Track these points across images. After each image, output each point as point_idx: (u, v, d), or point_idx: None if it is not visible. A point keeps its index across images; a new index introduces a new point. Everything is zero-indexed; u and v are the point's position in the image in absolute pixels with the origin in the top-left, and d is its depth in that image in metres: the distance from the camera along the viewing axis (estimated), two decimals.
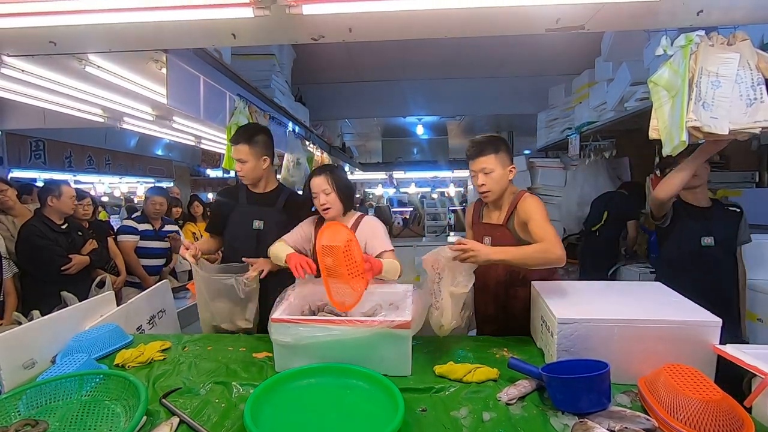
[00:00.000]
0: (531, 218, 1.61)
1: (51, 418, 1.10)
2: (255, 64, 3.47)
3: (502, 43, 4.12)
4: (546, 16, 1.60)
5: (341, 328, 1.30)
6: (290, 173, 3.99)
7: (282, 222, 1.98)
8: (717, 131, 1.55)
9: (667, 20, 1.63)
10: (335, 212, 1.83)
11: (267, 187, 2.08)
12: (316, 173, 1.85)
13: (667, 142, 1.65)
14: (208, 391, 1.28)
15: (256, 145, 1.96)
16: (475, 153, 1.71)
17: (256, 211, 2.02)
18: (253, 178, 2.02)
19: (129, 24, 1.57)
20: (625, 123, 3.20)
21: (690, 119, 1.54)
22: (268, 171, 2.06)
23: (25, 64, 2.08)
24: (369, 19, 1.59)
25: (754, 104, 1.55)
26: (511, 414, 1.12)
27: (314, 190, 1.82)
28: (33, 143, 4.62)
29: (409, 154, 7.96)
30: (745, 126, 1.56)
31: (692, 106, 1.56)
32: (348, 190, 1.86)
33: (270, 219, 2.00)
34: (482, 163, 1.69)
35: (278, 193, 2.08)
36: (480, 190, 1.74)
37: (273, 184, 2.11)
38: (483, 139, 1.74)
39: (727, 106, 1.55)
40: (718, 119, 1.55)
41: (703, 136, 1.58)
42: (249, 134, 1.97)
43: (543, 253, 1.46)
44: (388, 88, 5.42)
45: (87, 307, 1.73)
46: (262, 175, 2.03)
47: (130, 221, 3.42)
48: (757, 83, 1.56)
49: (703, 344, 1.24)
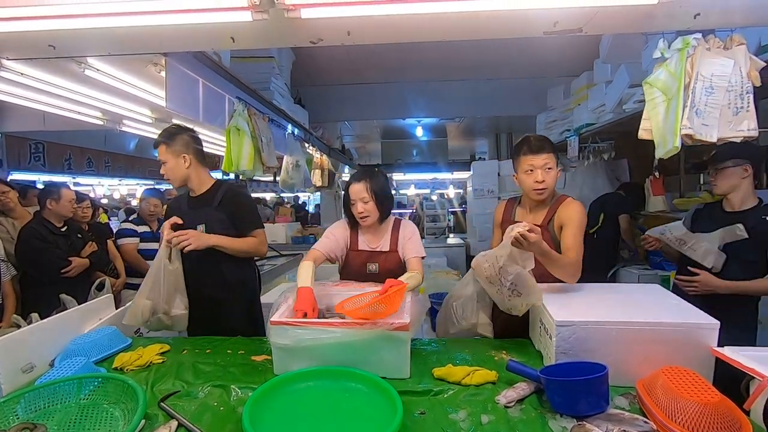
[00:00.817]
0: (570, 224, 1.64)
1: (49, 421, 1.10)
2: (254, 67, 3.47)
3: (501, 46, 4.13)
4: (544, 19, 1.60)
5: (340, 331, 1.30)
6: (289, 175, 4.00)
7: (223, 220, 1.94)
8: (707, 139, 1.59)
9: (665, 23, 1.64)
10: (372, 221, 1.82)
11: (201, 187, 2.01)
12: (355, 179, 1.81)
13: (660, 145, 1.67)
14: (206, 394, 1.27)
15: (174, 143, 1.92)
16: (538, 148, 1.67)
17: (197, 214, 1.95)
18: (178, 179, 1.96)
19: (128, 27, 1.58)
20: (624, 125, 3.20)
21: (684, 126, 1.57)
22: (196, 170, 1.98)
23: (24, 67, 2.09)
24: (367, 23, 1.59)
25: (740, 113, 1.57)
26: (510, 417, 1.12)
27: (352, 197, 1.79)
28: (33, 145, 4.63)
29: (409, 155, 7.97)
30: (729, 135, 1.60)
31: (687, 113, 1.57)
32: (387, 198, 1.83)
33: (210, 219, 1.94)
34: (545, 158, 1.66)
35: (215, 191, 2.00)
36: (537, 187, 1.68)
37: (208, 182, 2.03)
38: (541, 136, 1.74)
39: (717, 113, 1.58)
40: (708, 126, 1.58)
41: (693, 143, 1.62)
42: (166, 134, 1.94)
43: (565, 272, 1.57)
44: (387, 90, 5.43)
45: (86, 310, 1.73)
46: (186, 175, 1.96)
47: (128, 224, 3.42)
48: (746, 91, 1.58)
49: (701, 346, 1.23)
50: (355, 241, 1.89)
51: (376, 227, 1.88)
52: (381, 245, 1.88)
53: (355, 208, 1.79)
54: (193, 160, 1.96)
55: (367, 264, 1.86)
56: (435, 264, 4.91)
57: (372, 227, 1.86)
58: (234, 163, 2.78)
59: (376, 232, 1.89)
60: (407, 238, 1.87)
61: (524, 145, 1.72)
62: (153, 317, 1.74)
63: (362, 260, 1.86)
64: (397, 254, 1.87)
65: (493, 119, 6.58)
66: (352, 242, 1.90)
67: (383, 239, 1.88)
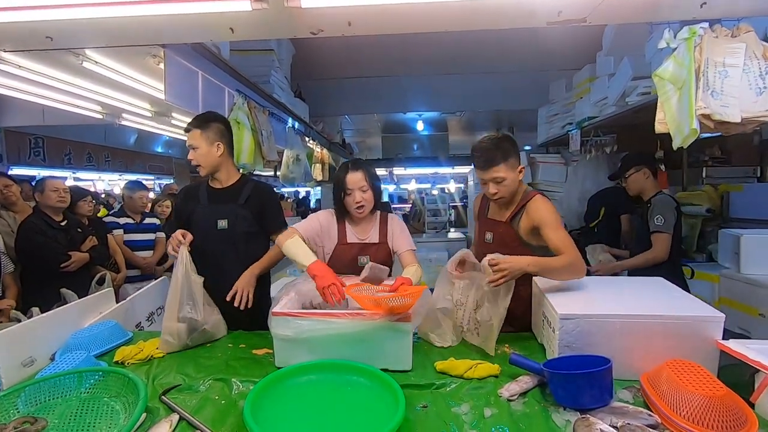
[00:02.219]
0: (545, 224, 1.59)
1: (50, 415, 1.09)
2: (254, 60, 3.44)
3: (502, 39, 4.10)
4: (547, 8, 1.58)
5: (342, 321, 1.29)
6: (290, 169, 3.98)
7: (247, 217, 1.89)
8: (729, 119, 1.50)
9: (670, 13, 1.61)
10: (367, 211, 1.80)
11: (228, 180, 1.94)
12: (352, 168, 1.77)
13: (676, 134, 1.61)
14: (207, 387, 1.27)
15: (208, 129, 1.86)
16: (484, 164, 1.63)
17: (219, 210, 1.88)
18: (209, 167, 1.88)
19: (126, 18, 1.55)
20: (627, 118, 3.17)
21: (700, 107, 1.50)
22: (226, 161, 1.93)
23: (22, 59, 2.07)
24: (368, 13, 1.57)
25: (764, 93, 1.52)
26: (513, 410, 1.12)
27: (350, 186, 1.75)
28: (32, 140, 4.61)
29: (410, 150, 7.92)
30: (756, 114, 1.52)
31: (701, 94, 1.52)
32: (380, 188, 1.83)
33: (234, 216, 1.87)
34: (493, 173, 1.62)
35: (241, 186, 1.93)
36: (493, 198, 1.69)
37: (234, 176, 1.96)
38: (490, 145, 1.64)
39: (737, 94, 1.52)
40: (728, 107, 1.51)
41: (714, 125, 1.53)
42: (202, 119, 1.88)
43: (571, 274, 1.51)
44: (388, 83, 5.39)
45: (86, 304, 1.73)
46: (217, 163, 1.89)
47: (109, 217, 3.48)
48: (765, 72, 1.52)
49: (705, 339, 1.22)
50: (343, 233, 1.85)
51: (368, 219, 1.86)
52: (370, 237, 1.86)
53: (353, 198, 1.75)
54: (225, 150, 1.90)
55: (358, 257, 1.83)
56: (436, 258, 4.90)
57: (363, 218, 1.85)
58: (234, 157, 2.76)
59: (365, 224, 1.87)
60: (398, 231, 1.86)
61: (473, 158, 1.69)
62: (193, 334, 1.58)
63: (353, 253, 1.83)
64: (387, 246, 1.86)
65: (495, 113, 6.54)
66: (340, 234, 1.85)
67: (372, 231, 1.87)
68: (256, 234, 1.92)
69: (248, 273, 1.81)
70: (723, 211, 3.34)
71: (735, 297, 2.59)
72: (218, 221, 1.86)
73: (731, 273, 2.65)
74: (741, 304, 2.53)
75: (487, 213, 1.85)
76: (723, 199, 3.36)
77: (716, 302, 2.72)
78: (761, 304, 2.42)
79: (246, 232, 1.88)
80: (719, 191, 3.38)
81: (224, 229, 1.87)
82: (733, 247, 2.66)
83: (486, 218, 1.85)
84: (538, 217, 1.63)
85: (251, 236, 1.91)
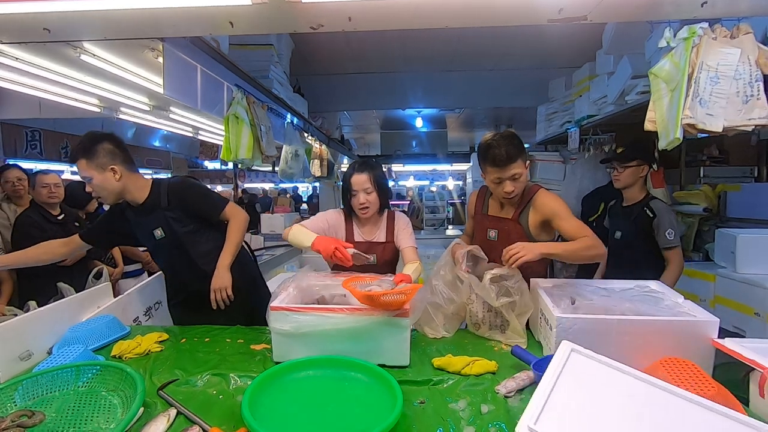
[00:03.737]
0: (556, 215, 1.60)
1: (47, 409, 1.09)
2: (253, 55, 3.42)
3: (502, 36, 4.09)
4: (548, 6, 1.58)
5: (340, 316, 1.30)
6: (288, 165, 3.97)
7: (180, 218, 1.80)
8: (711, 128, 1.57)
9: (671, 11, 1.61)
10: (373, 212, 1.80)
11: (142, 195, 1.79)
12: (358, 170, 1.77)
13: (663, 136, 1.66)
14: (205, 382, 1.27)
15: (95, 155, 1.65)
16: (505, 161, 1.59)
17: (148, 221, 1.80)
18: (111, 195, 1.72)
19: (124, 11, 1.54)
20: (626, 117, 3.18)
21: (686, 116, 1.55)
22: (130, 179, 1.75)
23: (19, 51, 2.05)
24: (369, 8, 1.56)
25: (750, 101, 1.55)
26: (510, 406, 1.12)
27: (354, 188, 1.75)
28: (29, 133, 4.58)
29: (408, 146, 7.91)
30: (739, 123, 1.57)
31: (689, 102, 1.56)
32: (387, 189, 1.82)
33: (165, 222, 1.79)
34: (513, 170, 1.61)
35: (157, 192, 1.80)
36: (507, 196, 1.66)
37: (146, 187, 1.80)
38: (506, 141, 1.61)
39: (724, 103, 1.56)
40: (713, 116, 1.56)
41: (697, 133, 1.60)
42: (85, 145, 1.66)
43: (589, 251, 1.49)
44: (387, 80, 5.38)
45: (84, 299, 1.72)
46: (120, 188, 1.71)
47: None
48: (755, 79, 1.55)
49: (701, 339, 1.23)
50: (351, 232, 1.88)
51: (375, 219, 1.86)
52: (377, 236, 1.87)
53: (357, 199, 1.76)
54: (123, 170, 1.71)
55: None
56: (435, 255, 4.91)
57: (371, 219, 1.85)
58: (233, 152, 2.76)
59: (373, 224, 1.88)
60: (402, 227, 1.87)
61: (488, 156, 1.63)
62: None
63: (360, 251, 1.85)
64: (393, 244, 1.87)
65: (494, 111, 6.54)
66: (348, 233, 1.87)
67: (379, 230, 1.88)
68: (198, 230, 1.84)
69: (219, 269, 1.76)
70: (720, 211, 3.36)
71: (731, 296, 2.60)
72: (154, 232, 1.79)
73: (727, 272, 2.66)
74: (737, 303, 2.54)
75: (487, 210, 1.85)
76: (720, 199, 3.37)
77: (712, 301, 2.74)
78: (756, 303, 2.43)
79: (185, 232, 1.80)
80: (717, 191, 3.39)
81: (163, 237, 1.80)
82: (730, 246, 2.68)
83: (486, 215, 1.84)
84: (548, 210, 1.63)
85: (194, 234, 1.83)
